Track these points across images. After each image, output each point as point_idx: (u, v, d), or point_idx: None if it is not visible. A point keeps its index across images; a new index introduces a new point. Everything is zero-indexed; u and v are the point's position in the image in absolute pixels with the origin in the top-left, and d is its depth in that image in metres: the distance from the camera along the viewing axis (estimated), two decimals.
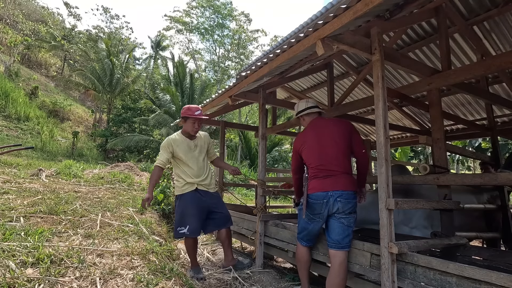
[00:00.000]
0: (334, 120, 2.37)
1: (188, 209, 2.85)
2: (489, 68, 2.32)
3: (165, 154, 2.85)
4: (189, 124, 2.92)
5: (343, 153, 2.21)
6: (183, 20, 26.46)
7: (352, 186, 2.19)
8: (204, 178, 2.92)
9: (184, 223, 2.81)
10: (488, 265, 2.00)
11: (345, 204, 2.12)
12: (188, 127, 2.93)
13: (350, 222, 2.16)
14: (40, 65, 22.56)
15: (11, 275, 1.93)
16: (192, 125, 2.92)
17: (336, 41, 1.96)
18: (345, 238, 2.12)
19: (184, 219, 2.83)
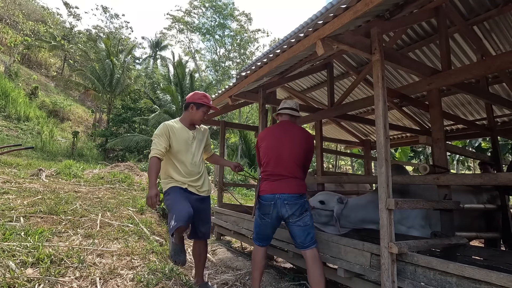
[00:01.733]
0: (300, 130, 2.43)
1: (174, 198, 2.32)
2: (489, 68, 2.32)
3: (163, 141, 2.34)
4: (199, 112, 2.50)
5: (296, 162, 2.31)
6: (184, 20, 26.47)
7: (298, 189, 2.26)
8: (197, 179, 2.44)
9: (172, 215, 2.20)
10: (488, 265, 2.00)
11: (292, 206, 2.21)
12: (197, 116, 2.51)
13: (306, 221, 2.24)
14: (40, 65, 22.56)
15: (11, 275, 1.93)
16: (202, 115, 2.53)
17: (336, 41, 1.96)
18: (307, 237, 2.21)
19: (172, 211, 2.23)
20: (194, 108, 2.50)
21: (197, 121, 2.55)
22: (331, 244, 2.41)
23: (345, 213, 2.78)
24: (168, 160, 2.44)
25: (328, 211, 2.73)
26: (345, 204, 2.80)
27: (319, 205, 2.78)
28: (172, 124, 2.47)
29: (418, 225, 2.70)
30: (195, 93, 2.54)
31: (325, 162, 16.74)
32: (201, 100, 2.51)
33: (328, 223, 2.77)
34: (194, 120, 2.54)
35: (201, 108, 2.51)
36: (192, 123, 2.55)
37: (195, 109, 2.50)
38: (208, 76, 26.66)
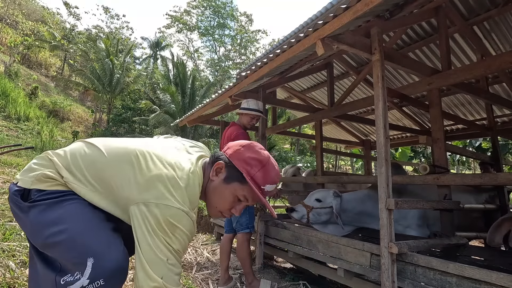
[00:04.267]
0: (230, 128, 2.81)
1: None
2: (489, 68, 2.32)
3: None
4: (226, 194, 1.08)
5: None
6: (184, 20, 26.48)
7: None
8: None
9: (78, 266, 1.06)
10: (488, 265, 2.00)
11: None
12: (218, 197, 1.10)
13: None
14: (40, 65, 22.54)
15: (11, 275, 1.93)
16: (231, 202, 1.10)
17: (336, 41, 1.96)
18: (237, 224, 2.68)
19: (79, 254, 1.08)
20: (222, 176, 1.07)
21: (212, 207, 1.13)
22: (331, 244, 2.41)
23: (343, 207, 2.75)
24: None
25: (327, 208, 2.71)
26: (341, 198, 2.77)
27: (317, 203, 2.74)
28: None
29: (415, 225, 2.69)
30: (250, 145, 1.10)
31: (325, 162, 16.75)
32: (247, 168, 1.05)
33: (329, 221, 2.74)
34: (208, 199, 1.12)
35: (235, 186, 1.06)
36: (206, 202, 1.15)
37: (221, 180, 1.07)
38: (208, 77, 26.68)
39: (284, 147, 22.22)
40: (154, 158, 1.01)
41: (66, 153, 1.06)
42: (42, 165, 1.04)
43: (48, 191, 0.98)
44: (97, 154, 1.04)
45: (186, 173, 1.00)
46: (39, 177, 0.99)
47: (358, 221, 2.81)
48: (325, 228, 2.74)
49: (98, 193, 1.01)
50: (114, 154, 1.03)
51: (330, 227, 2.74)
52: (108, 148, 1.05)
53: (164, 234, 0.91)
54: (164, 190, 0.94)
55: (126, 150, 1.04)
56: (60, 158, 1.05)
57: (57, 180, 1.01)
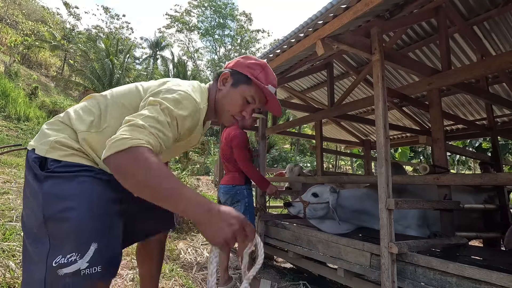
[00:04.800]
0: (231, 129, 2.81)
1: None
2: (489, 68, 2.32)
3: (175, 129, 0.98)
4: (235, 96, 1.12)
5: (225, 158, 2.81)
6: (184, 20, 26.49)
7: (232, 181, 2.71)
8: None
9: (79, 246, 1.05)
10: (488, 265, 2.00)
11: (224, 195, 2.72)
12: (229, 101, 1.13)
13: (237, 209, 2.61)
14: (40, 65, 22.53)
15: (11, 275, 1.93)
16: (241, 104, 1.13)
17: (336, 41, 1.96)
18: None
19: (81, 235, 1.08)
20: (229, 83, 1.13)
21: (225, 112, 1.15)
22: (331, 244, 2.41)
23: (340, 203, 2.75)
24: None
25: (324, 204, 2.71)
26: (338, 194, 2.77)
27: (313, 199, 2.75)
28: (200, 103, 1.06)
29: (415, 225, 2.69)
30: (247, 56, 1.19)
31: (325, 162, 16.75)
32: (250, 70, 1.12)
33: (325, 216, 2.74)
34: (220, 108, 1.15)
35: (243, 88, 1.12)
36: (218, 112, 1.17)
37: (230, 85, 1.13)
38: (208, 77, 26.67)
39: (284, 147, 22.21)
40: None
41: (74, 108, 1.09)
42: (55, 129, 1.02)
43: (64, 163, 0.96)
44: (101, 98, 1.10)
45: (189, 83, 1.09)
46: (53, 145, 0.97)
47: (355, 219, 2.80)
48: (322, 223, 2.73)
49: (111, 129, 1.00)
50: (116, 91, 1.12)
51: (327, 223, 2.72)
52: (109, 91, 1.12)
53: (166, 101, 0.93)
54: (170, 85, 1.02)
55: (127, 86, 1.13)
56: (70, 113, 1.06)
57: (71, 147, 0.99)
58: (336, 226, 2.67)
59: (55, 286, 0.85)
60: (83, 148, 1.01)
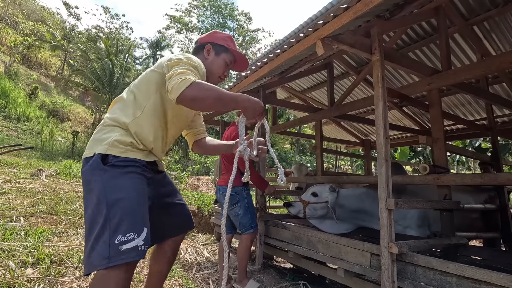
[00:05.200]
0: (230, 129, 2.82)
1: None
2: (489, 68, 2.32)
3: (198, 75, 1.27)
4: (219, 61, 1.49)
5: (224, 157, 2.82)
6: (183, 20, 26.49)
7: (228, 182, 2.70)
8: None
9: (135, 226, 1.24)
10: (488, 265, 2.00)
11: (222, 197, 2.69)
12: (215, 65, 1.48)
13: (237, 212, 2.64)
14: (40, 65, 22.53)
15: (11, 275, 1.93)
16: (224, 66, 1.50)
17: (336, 41, 1.96)
18: (239, 225, 2.65)
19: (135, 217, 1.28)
20: (212, 53, 1.48)
21: (214, 74, 1.48)
22: (331, 244, 2.41)
23: (339, 203, 2.75)
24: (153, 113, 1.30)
25: (323, 203, 2.70)
26: (338, 193, 2.77)
27: (313, 198, 2.75)
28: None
29: (414, 225, 2.69)
30: (215, 31, 1.57)
31: (325, 162, 16.75)
32: (225, 42, 1.52)
33: (325, 216, 2.74)
34: (209, 72, 1.46)
35: (223, 55, 1.50)
36: (208, 76, 1.46)
37: (214, 55, 1.48)
38: None
39: (284, 147, 22.22)
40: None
41: (110, 113, 1.30)
42: (107, 132, 1.23)
43: (121, 158, 1.19)
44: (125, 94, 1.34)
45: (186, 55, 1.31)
46: (112, 143, 1.19)
47: (355, 218, 2.80)
48: (322, 223, 2.73)
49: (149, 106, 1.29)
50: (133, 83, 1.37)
51: (327, 223, 2.72)
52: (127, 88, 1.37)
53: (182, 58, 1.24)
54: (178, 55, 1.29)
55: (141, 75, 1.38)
56: (111, 116, 1.27)
57: (125, 143, 1.21)
58: (336, 226, 2.67)
59: (116, 259, 1.05)
60: (135, 140, 1.24)
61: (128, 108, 1.28)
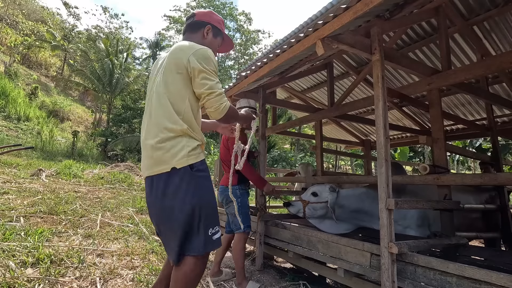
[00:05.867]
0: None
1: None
2: (489, 68, 2.32)
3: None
4: (215, 44, 1.68)
5: (222, 158, 2.91)
6: (183, 21, 26.48)
7: (226, 182, 2.70)
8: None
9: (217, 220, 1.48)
10: (488, 265, 2.00)
11: (220, 195, 2.83)
12: (214, 45, 1.67)
13: (231, 210, 2.74)
14: (40, 65, 22.54)
15: (11, 275, 1.93)
16: (216, 49, 1.72)
17: (336, 41, 1.96)
18: (231, 224, 2.77)
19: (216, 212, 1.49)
20: (210, 34, 1.64)
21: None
22: (331, 244, 2.41)
23: (339, 203, 2.75)
24: (192, 111, 1.45)
25: (323, 203, 2.70)
26: (338, 193, 2.77)
27: (313, 198, 2.75)
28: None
29: (414, 225, 2.69)
30: (211, 12, 1.69)
31: (325, 162, 16.75)
32: (220, 25, 1.68)
33: (325, 215, 2.73)
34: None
35: (218, 38, 1.69)
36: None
37: (211, 36, 1.64)
38: None
39: (284, 147, 22.22)
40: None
41: (160, 129, 1.44)
42: (176, 144, 1.39)
43: (199, 163, 1.41)
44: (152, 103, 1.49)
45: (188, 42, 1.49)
46: (189, 153, 1.38)
47: (355, 218, 2.79)
48: (321, 223, 2.73)
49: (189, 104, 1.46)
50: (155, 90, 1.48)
51: (326, 222, 2.72)
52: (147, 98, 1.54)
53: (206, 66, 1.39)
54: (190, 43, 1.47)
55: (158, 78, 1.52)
56: (166, 131, 1.41)
57: (195, 147, 1.42)
58: (336, 226, 2.66)
59: (209, 247, 1.36)
60: (199, 139, 1.46)
61: (173, 115, 1.39)
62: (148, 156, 1.42)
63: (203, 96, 1.39)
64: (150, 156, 1.40)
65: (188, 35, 1.63)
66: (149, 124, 1.45)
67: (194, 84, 1.39)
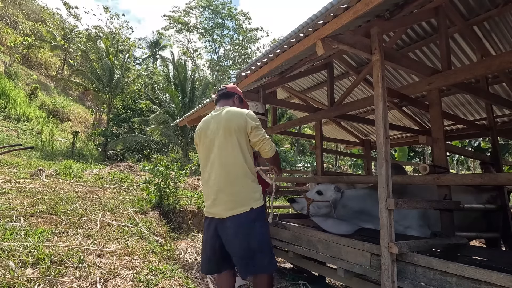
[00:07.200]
0: None
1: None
2: (489, 68, 2.32)
3: None
4: (240, 106, 2.17)
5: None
6: (182, 20, 26.48)
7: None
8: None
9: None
10: (488, 265, 2.00)
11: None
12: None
13: None
14: (40, 65, 22.53)
15: (11, 275, 1.93)
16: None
17: (336, 41, 1.96)
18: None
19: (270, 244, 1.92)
20: (237, 101, 2.17)
21: None
22: (331, 244, 2.41)
23: (343, 203, 2.76)
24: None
25: (327, 202, 2.71)
26: (342, 194, 2.79)
27: (317, 196, 2.76)
28: None
29: (415, 225, 2.69)
30: (235, 87, 2.24)
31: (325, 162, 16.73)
32: (242, 95, 2.26)
33: (328, 214, 2.74)
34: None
35: (242, 104, 2.22)
36: None
37: (238, 103, 2.17)
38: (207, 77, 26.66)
39: (284, 147, 22.22)
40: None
41: (239, 174, 1.90)
42: (252, 190, 1.88)
43: (262, 205, 1.91)
44: (224, 152, 1.91)
45: (236, 108, 2.02)
46: (257, 198, 1.88)
47: (359, 219, 2.81)
48: (324, 222, 2.74)
49: (248, 154, 1.94)
50: (218, 146, 1.92)
51: (329, 222, 2.73)
52: (214, 153, 1.93)
53: (256, 123, 1.92)
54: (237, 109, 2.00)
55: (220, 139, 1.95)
56: (238, 176, 1.88)
57: (260, 191, 1.93)
58: (338, 226, 2.67)
59: (275, 265, 1.89)
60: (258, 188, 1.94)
61: (245, 165, 1.87)
62: (225, 201, 1.83)
63: (259, 142, 1.89)
64: (230, 200, 1.82)
65: (224, 100, 2.14)
66: (221, 173, 1.86)
67: (251, 136, 1.89)
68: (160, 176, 4.91)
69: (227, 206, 1.82)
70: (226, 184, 1.84)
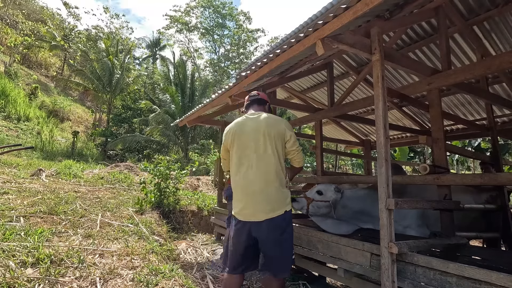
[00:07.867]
0: None
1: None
2: (489, 68, 2.32)
3: None
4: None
5: None
6: (183, 20, 26.47)
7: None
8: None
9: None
10: (488, 265, 2.00)
11: (224, 194, 2.98)
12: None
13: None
14: (40, 65, 22.52)
15: (11, 275, 1.93)
16: None
17: (336, 41, 1.96)
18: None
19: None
20: (267, 107, 2.32)
21: None
22: (331, 244, 2.41)
23: (343, 203, 2.76)
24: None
25: (327, 202, 2.71)
26: (342, 194, 2.79)
27: (317, 196, 2.76)
28: None
29: (415, 225, 2.69)
30: (264, 95, 2.39)
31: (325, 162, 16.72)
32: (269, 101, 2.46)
33: (328, 214, 2.75)
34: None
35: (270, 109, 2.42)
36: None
37: (268, 109, 2.33)
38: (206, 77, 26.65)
39: None
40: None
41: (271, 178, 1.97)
42: (284, 194, 1.96)
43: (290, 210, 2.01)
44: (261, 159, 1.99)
45: (273, 115, 2.14)
46: (287, 202, 1.97)
47: (358, 219, 2.81)
48: (324, 222, 2.73)
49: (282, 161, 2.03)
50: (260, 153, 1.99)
51: (329, 222, 2.72)
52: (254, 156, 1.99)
53: (293, 133, 2.05)
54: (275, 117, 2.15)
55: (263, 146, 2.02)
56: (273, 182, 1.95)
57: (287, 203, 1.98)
58: (338, 226, 2.67)
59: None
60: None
61: (280, 170, 1.96)
62: (262, 203, 1.89)
63: (294, 151, 2.03)
64: (267, 203, 1.88)
65: (257, 106, 2.23)
66: (259, 176, 1.91)
67: (289, 144, 2.01)
68: (160, 176, 4.92)
69: (264, 208, 1.88)
70: (262, 186, 1.89)
